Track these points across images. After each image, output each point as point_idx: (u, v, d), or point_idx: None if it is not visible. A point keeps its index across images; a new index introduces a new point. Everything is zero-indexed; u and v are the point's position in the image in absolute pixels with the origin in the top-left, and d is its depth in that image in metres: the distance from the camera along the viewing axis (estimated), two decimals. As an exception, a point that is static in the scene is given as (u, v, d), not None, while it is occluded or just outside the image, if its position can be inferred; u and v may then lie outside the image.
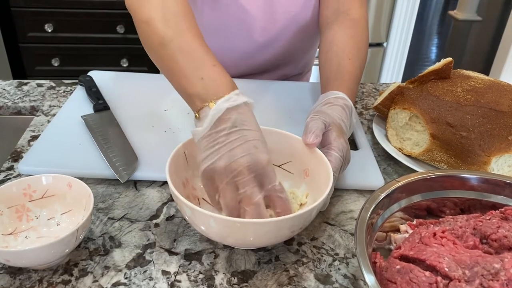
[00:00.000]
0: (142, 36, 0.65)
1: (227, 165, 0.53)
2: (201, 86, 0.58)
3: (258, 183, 0.54)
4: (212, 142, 0.54)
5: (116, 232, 0.60)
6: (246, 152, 0.53)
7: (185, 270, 0.55)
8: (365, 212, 0.51)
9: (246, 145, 0.54)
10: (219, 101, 0.55)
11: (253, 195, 0.53)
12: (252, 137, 0.55)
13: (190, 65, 0.59)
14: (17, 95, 0.92)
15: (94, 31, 2.03)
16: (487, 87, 0.75)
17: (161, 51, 0.62)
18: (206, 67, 0.59)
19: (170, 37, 0.61)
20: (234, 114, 0.55)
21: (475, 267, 0.44)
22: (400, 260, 0.48)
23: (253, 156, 0.53)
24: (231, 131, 0.54)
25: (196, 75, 0.58)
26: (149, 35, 0.63)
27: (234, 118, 0.55)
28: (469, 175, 0.59)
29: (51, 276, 0.53)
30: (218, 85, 0.57)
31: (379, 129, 0.83)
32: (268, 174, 0.55)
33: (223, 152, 0.53)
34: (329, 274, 0.56)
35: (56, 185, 0.59)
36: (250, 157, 0.53)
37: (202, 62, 0.60)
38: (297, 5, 0.91)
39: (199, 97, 0.57)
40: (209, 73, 0.58)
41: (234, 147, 0.53)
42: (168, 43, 0.61)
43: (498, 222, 0.50)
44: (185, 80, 0.59)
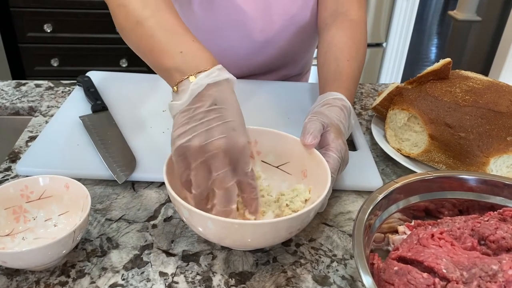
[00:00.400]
0: (118, 19, 0.64)
1: (203, 145, 0.52)
2: (181, 59, 0.56)
3: (232, 167, 0.53)
4: (189, 118, 0.52)
5: (114, 233, 0.60)
6: (224, 133, 0.52)
7: (183, 272, 0.55)
8: (363, 213, 0.51)
9: (225, 126, 0.52)
10: (200, 75, 0.53)
11: (226, 180, 0.52)
12: (231, 117, 0.53)
13: (169, 40, 0.58)
14: (15, 95, 0.91)
15: (94, 31, 2.03)
16: (486, 88, 0.75)
17: (138, 30, 0.60)
18: (185, 42, 0.57)
19: (148, 15, 0.60)
20: (214, 91, 0.53)
21: (473, 269, 0.44)
22: (398, 262, 0.48)
23: (230, 139, 0.52)
24: (210, 108, 0.52)
25: (175, 50, 0.56)
26: (126, 15, 0.62)
27: (215, 95, 0.53)
28: (467, 176, 0.59)
29: (48, 278, 0.53)
30: (198, 59, 0.55)
31: (378, 130, 0.83)
32: (243, 159, 0.53)
33: (199, 130, 0.52)
34: (327, 276, 0.56)
35: (54, 186, 0.59)
36: (227, 139, 0.52)
37: (181, 37, 0.58)
38: (295, 6, 0.91)
39: (178, 70, 0.55)
40: (189, 47, 0.57)
41: (212, 127, 0.52)
42: (145, 20, 0.60)
43: (496, 224, 0.50)
44: (163, 54, 0.57)
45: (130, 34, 0.63)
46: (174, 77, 0.56)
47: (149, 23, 0.59)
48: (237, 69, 0.99)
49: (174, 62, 0.56)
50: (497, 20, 4.60)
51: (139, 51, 0.62)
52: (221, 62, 0.61)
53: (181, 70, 0.55)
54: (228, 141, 0.52)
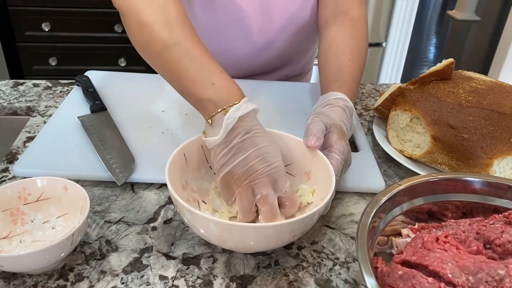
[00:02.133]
0: (140, 38, 0.64)
1: (244, 171, 0.55)
2: (213, 91, 0.58)
3: (272, 186, 0.56)
4: (227, 149, 0.56)
5: (113, 236, 0.59)
6: (260, 157, 0.56)
7: (183, 275, 0.54)
8: (367, 216, 0.50)
9: (260, 151, 0.56)
10: (232, 109, 0.56)
11: (269, 197, 0.56)
12: (263, 143, 0.57)
13: (199, 70, 0.60)
14: (13, 95, 0.90)
15: (92, 30, 2.02)
16: (489, 89, 0.74)
17: (165, 55, 0.61)
18: (215, 73, 0.60)
19: (175, 40, 0.60)
20: (245, 122, 0.57)
21: (479, 273, 0.43)
22: (402, 266, 0.47)
23: (267, 161, 0.56)
24: (244, 138, 0.56)
25: (207, 80, 0.59)
26: (150, 37, 0.62)
27: (246, 126, 0.57)
28: (471, 178, 0.58)
29: (46, 281, 0.52)
30: (229, 91, 0.58)
31: (380, 131, 0.82)
32: (281, 178, 0.57)
33: (239, 159, 0.55)
34: (330, 279, 0.55)
35: (52, 188, 0.58)
36: (264, 161, 0.56)
37: (210, 67, 0.60)
38: (294, 5, 0.90)
39: (212, 102, 0.58)
40: (219, 79, 0.59)
41: (249, 153, 0.55)
42: (173, 46, 0.60)
43: (502, 227, 0.49)
44: (194, 85, 0.59)
45: (155, 57, 0.63)
46: (207, 109, 0.58)
47: (178, 49, 0.60)
48: (237, 69, 0.98)
49: (207, 94, 0.58)
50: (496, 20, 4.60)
51: (165, 75, 0.63)
52: (221, 62, 0.61)
53: (214, 102, 0.58)
54: (264, 163, 0.56)
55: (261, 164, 0.55)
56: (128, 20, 0.65)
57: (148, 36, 0.62)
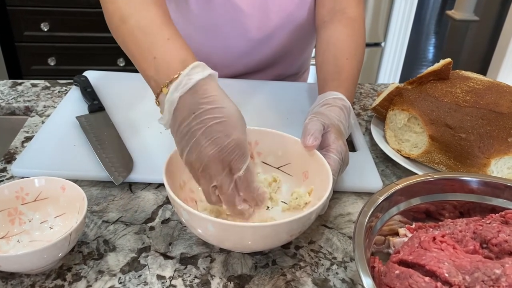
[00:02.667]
0: (106, 16, 0.63)
1: (196, 158, 0.52)
2: (154, 67, 0.55)
3: (228, 169, 0.52)
4: (179, 134, 0.53)
5: (111, 236, 0.59)
6: (209, 138, 0.51)
7: (181, 275, 0.54)
8: (364, 215, 0.50)
9: (209, 131, 0.51)
10: (171, 87, 0.52)
11: (224, 185, 0.53)
12: (213, 120, 0.51)
13: (145, 42, 0.57)
14: (11, 95, 0.90)
15: (91, 30, 2.02)
16: (487, 88, 0.74)
17: (121, 27, 0.60)
18: (158, 43, 0.56)
19: (130, 11, 0.59)
20: (188, 99, 0.52)
21: (476, 273, 0.43)
22: (399, 265, 0.47)
23: (217, 143, 0.51)
24: (190, 120, 0.52)
25: (150, 54, 0.56)
26: (112, 12, 0.61)
27: (189, 104, 0.52)
28: (468, 178, 0.58)
29: (43, 281, 0.52)
30: (169, 64, 0.54)
31: (378, 131, 0.82)
32: (236, 159, 0.52)
33: (190, 144, 0.52)
34: (327, 279, 0.55)
35: (49, 187, 0.58)
36: (214, 144, 0.51)
37: (156, 37, 0.57)
38: (292, 4, 0.90)
39: (154, 80, 0.55)
40: (162, 50, 0.56)
41: (197, 137, 0.51)
42: (127, 18, 0.59)
43: (499, 226, 0.49)
44: (141, 59, 0.57)
45: (115, 32, 0.62)
46: (153, 88, 0.56)
47: (131, 21, 0.59)
48: (233, 67, 0.98)
49: (150, 71, 0.56)
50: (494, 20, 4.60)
51: (125, 51, 0.62)
52: (217, 60, 0.60)
53: (156, 80, 0.55)
54: (215, 146, 0.51)
55: (212, 148, 0.51)
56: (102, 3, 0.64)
57: (111, 12, 0.61)
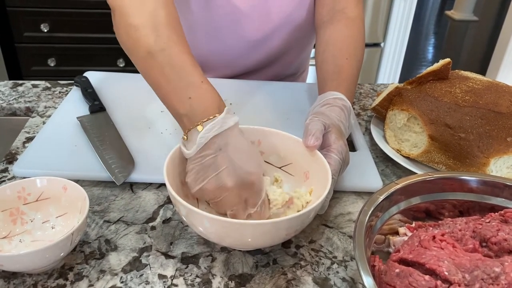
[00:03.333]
0: (127, 41, 0.62)
1: (216, 188, 0.55)
2: (189, 106, 0.57)
3: (244, 202, 0.57)
4: (200, 165, 0.55)
5: (112, 235, 0.59)
6: (232, 173, 0.55)
7: (182, 274, 0.55)
8: (364, 214, 0.51)
9: (232, 167, 0.55)
10: (206, 126, 0.55)
11: (239, 215, 0.57)
12: (237, 157, 0.55)
13: (179, 81, 0.58)
14: (12, 96, 0.91)
15: (91, 31, 2.02)
16: (486, 88, 0.75)
17: (149, 61, 0.60)
18: (194, 84, 0.58)
19: (160, 47, 0.59)
20: (220, 138, 0.55)
21: (475, 271, 0.44)
22: (399, 264, 0.48)
23: (239, 177, 0.55)
24: (217, 154, 0.55)
25: (185, 93, 0.58)
26: (136, 41, 0.61)
27: (219, 142, 0.55)
28: (468, 177, 0.58)
29: (45, 281, 0.53)
30: (205, 106, 0.57)
31: (377, 130, 0.82)
32: (253, 193, 0.57)
33: (211, 176, 0.55)
34: (328, 278, 0.56)
35: (51, 188, 0.59)
36: (236, 178, 0.55)
37: (190, 78, 0.59)
38: (291, 4, 0.90)
39: (187, 117, 0.57)
40: (197, 91, 0.58)
41: (220, 171, 0.55)
42: (157, 53, 0.59)
43: (498, 225, 0.50)
44: (173, 97, 0.59)
45: (140, 62, 0.62)
46: (184, 123, 0.58)
47: (161, 56, 0.59)
48: (232, 67, 0.98)
49: (184, 108, 0.58)
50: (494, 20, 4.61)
51: (149, 81, 0.63)
52: (217, 61, 0.61)
53: (190, 117, 0.57)
54: (236, 180, 0.55)
55: (233, 181, 0.54)
56: (118, 20, 0.63)
57: (135, 40, 0.61)
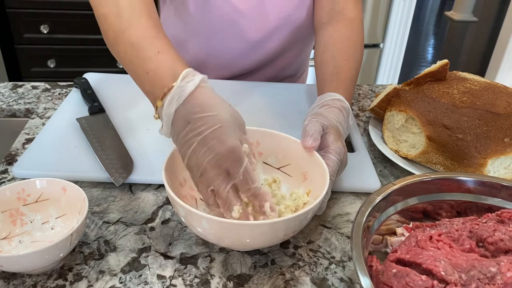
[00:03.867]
0: (102, 32, 0.64)
1: (194, 164, 0.53)
2: (148, 82, 0.57)
3: (225, 173, 0.53)
4: (179, 144, 0.55)
5: (111, 236, 0.60)
6: (204, 146, 0.52)
7: (181, 274, 0.55)
8: (361, 215, 0.51)
9: (203, 139, 0.52)
10: (166, 101, 0.54)
11: (220, 190, 0.53)
12: (207, 128, 0.52)
13: (137, 57, 0.58)
14: (11, 97, 0.91)
15: (90, 33, 2.02)
16: (483, 89, 0.75)
17: (116, 46, 0.61)
18: (149, 57, 0.57)
19: (122, 29, 0.60)
20: (183, 110, 0.53)
21: (472, 271, 0.44)
22: (397, 264, 0.48)
23: (212, 150, 0.52)
24: (186, 130, 0.53)
25: (143, 70, 0.57)
26: (106, 30, 0.62)
27: (184, 115, 0.53)
28: (465, 178, 0.59)
29: (45, 281, 0.53)
30: (161, 78, 0.55)
31: (376, 131, 0.83)
32: (232, 162, 0.53)
33: (188, 153, 0.54)
34: (326, 278, 0.56)
35: (51, 189, 0.59)
36: (209, 151, 0.52)
37: (147, 51, 0.58)
38: (290, 5, 0.91)
39: (150, 94, 0.57)
40: (153, 64, 0.57)
41: (193, 148, 0.53)
42: (120, 36, 0.60)
43: (494, 225, 0.50)
44: (136, 76, 0.59)
45: (112, 51, 0.63)
46: (151, 102, 0.58)
47: (123, 38, 0.60)
48: (231, 68, 0.98)
49: (145, 86, 0.58)
50: (493, 21, 4.62)
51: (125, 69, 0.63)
52: (215, 62, 0.61)
53: (152, 94, 0.57)
54: (210, 153, 0.52)
55: (207, 155, 0.52)
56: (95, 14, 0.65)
57: (105, 29, 0.62)
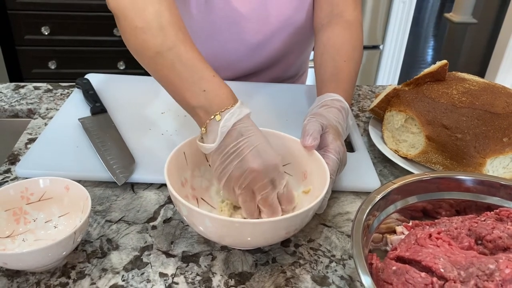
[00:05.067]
0: (135, 43, 0.64)
1: (242, 172, 0.56)
2: (204, 98, 0.59)
3: (272, 184, 0.57)
4: (224, 155, 0.57)
5: (114, 235, 0.60)
6: (257, 156, 0.56)
7: (183, 272, 0.56)
8: (361, 213, 0.52)
9: (255, 150, 0.56)
10: (226, 116, 0.57)
11: (269, 197, 0.57)
12: (258, 141, 0.57)
13: (191, 76, 0.60)
14: (14, 98, 0.92)
15: (91, 34, 2.03)
16: (482, 89, 0.76)
17: (158, 61, 0.61)
18: (206, 78, 0.60)
19: (168, 46, 0.61)
20: (239, 125, 0.57)
21: (470, 268, 0.45)
22: (396, 261, 0.49)
23: (263, 160, 0.56)
24: (239, 140, 0.56)
25: (198, 87, 0.59)
26: (144, 42, 0.62)
27: (239, 129, 0.57)
28: (464, 177, 0.59)
29: (48, 279, 0.54)
30: (221, 97, 0.59)
31: (375, 131, 0.83)
32: (279, 175, 0.58)
33: (236, 162, 0.56)
34: (326, 276, 0.56)
35: (54, 187, 0.59)
36: (261, 160, 0.56)
37: (202, 73, 0.60)
38: (290, 7, 0.91)
39: (203, 109, 0.59)
40: (211, 84, 0.59)
41: (245, 155, 0.56)
42: (166, 52, 0.60)
43: (493, 223, 0.50)
44: (186, 91, 0.60)
45: (149, 63, 0.64)
46: (200, 116, 0.59)
47: (170, 54, 0.61)
48: (232, 70, 0.99)
49: (199, 101, 0.59)
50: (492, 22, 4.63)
51: (159, 80, 0.64)
52: (216, 63, 0.63)
53: (206, 109, 0.58)
54: (262, 162, 0.56)
55: (258, 164, 0.56)
56: (123, 24, 0.64)
57: (142, 42, 0.62)
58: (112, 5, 0.65)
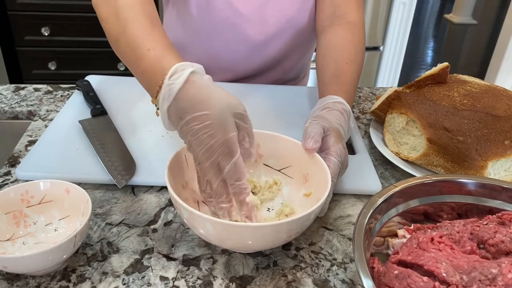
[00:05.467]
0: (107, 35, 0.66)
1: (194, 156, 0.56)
2: (145, 81, 0.59)
3: (217, 167, 0.55)
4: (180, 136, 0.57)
5: (114, 238, 0.60)
6: (197, 140, 0.54)
7: (183, 276, 0.55)
8: (363, 217, 0.51)
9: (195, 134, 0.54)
10: (159, 99, 0.56)
11: (211, 181, 0.55)
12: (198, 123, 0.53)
13: (134, 56, 0.60)
14: (14, 99, 0.91)
15: (91, 35, 2.03)
16: (483, 92, 0.75)
17: (117, 48, 0.63)
18: (142, 56, 0.59)
19: (119, 32, 0.62)
20: (174, 107, 0.55)
21: (473, 272, 0.44)
22: (398, 265, 0.48)
23: (203, 144, 0.54)
24: (181, 125, 0.55)
25: (139, 69, 0.59)
26: (108, 33, 0.64)
27: (176, 112, 0.55)
28: (466, 180, 0.59)
29: (48, 283, 0.53)
30: (154, 75, 0.57)
31: (376, 134, 0.83)
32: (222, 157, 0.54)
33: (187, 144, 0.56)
34: (327, 279, 0.56)
35: (54, 190, 0.59)
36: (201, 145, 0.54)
37: (139, 50, 0.59)
38: (292, 8, 0.91)
39: (149, 93, 0.59)
40: (146, 62, 0.59)
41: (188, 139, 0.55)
42: (119, 38, 0.62)
43: (495, 227, 0.50)
44: (136, 76, 0.61)
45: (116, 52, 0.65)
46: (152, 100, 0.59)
47: (122, 41, 0.62)
48: (232, 71, 0.99)
49: (144, 85, 0.60)
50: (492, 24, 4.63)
51: None
52: (217, 65, 0.62)
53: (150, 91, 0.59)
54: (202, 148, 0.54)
55: (200, 148, 0.54)
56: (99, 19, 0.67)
57: (107, 33, 0.64)
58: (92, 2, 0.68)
